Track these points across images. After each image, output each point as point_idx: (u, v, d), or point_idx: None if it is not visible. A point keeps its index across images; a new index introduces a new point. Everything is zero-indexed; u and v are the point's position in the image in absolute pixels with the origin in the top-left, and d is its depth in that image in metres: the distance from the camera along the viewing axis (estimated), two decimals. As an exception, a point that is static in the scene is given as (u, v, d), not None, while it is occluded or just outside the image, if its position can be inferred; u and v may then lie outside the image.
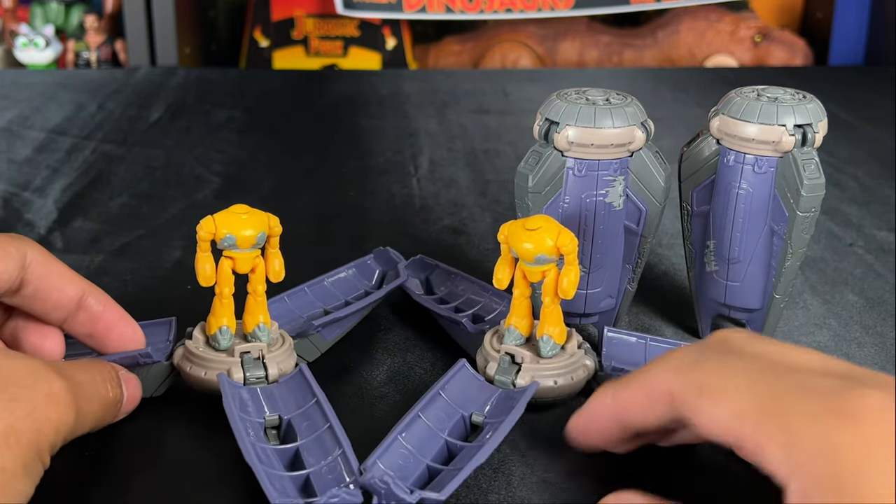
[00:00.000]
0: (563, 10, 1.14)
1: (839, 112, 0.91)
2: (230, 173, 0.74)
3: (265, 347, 0.42)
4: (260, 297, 0.43)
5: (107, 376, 0.37)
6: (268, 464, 0.36)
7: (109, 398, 0.37)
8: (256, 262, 0.42)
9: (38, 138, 0.81)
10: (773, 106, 0.44)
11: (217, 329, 0.42)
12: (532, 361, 0.43)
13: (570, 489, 0.39)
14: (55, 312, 0.40)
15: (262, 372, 0.42)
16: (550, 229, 0.41)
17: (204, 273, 0.42)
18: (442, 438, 0.39)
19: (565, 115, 0.44)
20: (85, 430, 0.36)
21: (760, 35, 1.18)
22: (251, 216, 0.41)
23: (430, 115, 0.90)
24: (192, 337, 0.43)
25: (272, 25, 1.19)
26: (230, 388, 0.40)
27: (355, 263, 0.52)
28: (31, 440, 0.32)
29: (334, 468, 0.37)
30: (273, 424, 0.40)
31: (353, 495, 0.34)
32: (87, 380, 0.36)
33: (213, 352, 0.42)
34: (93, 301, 0.41)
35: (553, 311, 0.43)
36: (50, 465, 0.33)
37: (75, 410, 0.34)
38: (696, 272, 0.50)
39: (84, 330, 0.41)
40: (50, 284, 0.40)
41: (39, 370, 0.33)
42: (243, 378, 0.41)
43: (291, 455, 0.38)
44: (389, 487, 0.34)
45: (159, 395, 0.43)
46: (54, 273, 0.40)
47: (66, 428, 0.33)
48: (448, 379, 0.42)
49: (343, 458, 0.37)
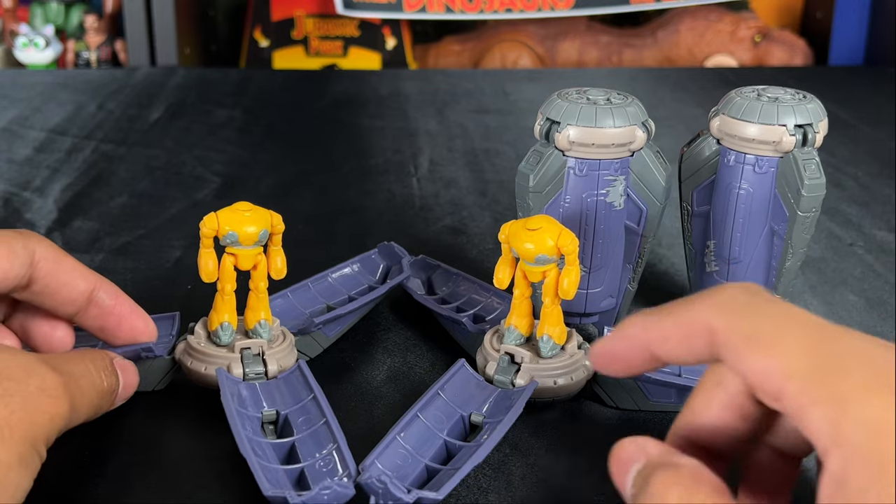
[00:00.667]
0: (563, 10, 1.14)
1: (839, 112, 0.91)
2: (230, 173, 0.74)
3: (265, 344, 0.43)
4: (262, 293, 0.43)
5: (101, 365, 0.37)
6: (262, 457, 0.37)
7: (104, 387, 0.37)
8: (258, 258, 0.42)
9: (38, 138, 0.81)
10: (773, 106, 0.45)
11: (218, 325, 0.43)
12: (532, 361, 0.43)
13: (570, 489, 0.39)
14: (65, 307, 0.41)
15: (262, 368, 0.42)
16: (551, 229, 0.41)
17: (206, 269, 0.42)
18: (441, 438, 0.39)
19: (566, 114, 0.44)
20: (81, 420, 0.36)
21: (760, 35, 1.18)
22: (254, 213, 0.42)
23: (430, 115, 0.90)
24: (193, 332, 0.43)
25: (272, 25, 1.19)
26: (228, 384, 0.40)
27: (359, 258, 0.52)
28: (25, 433, 0.32)
29: (329, 462, 0.37)
30: (271, 419, 0.40)
31: (346, 488, 0.34)
32: (81, 370, 0.36)
33: (214, 347, 0.43)
34: (104, 295, 0.41)
35: (553, 311, 0.43)
36: (51, 465, 0.33)
37: (69, 402, 0.34)
38: (697, 272, 0.50)
39: (95, 324, 0.41)
40: (59, 280, 0.40)
41: (31, 364, 0.34)
42: (243, 374, 0.42)
43: (287, 449, 0.39)
44: (387, 487, 0.34)
45: (161, 393, 0.44)
46: (64, 269, 0.40)
47: (60, 420, 0.34)
48: (447, 379, 0.42)
49: (338, 452, 0.37)
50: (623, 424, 0.43)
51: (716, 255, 0.48)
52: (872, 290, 0.56)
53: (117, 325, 0.41)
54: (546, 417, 0.43)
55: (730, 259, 0.47)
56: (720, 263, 0.48)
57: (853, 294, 0.56)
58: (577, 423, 0.43)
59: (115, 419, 0.42)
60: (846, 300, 0.55)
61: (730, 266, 0.48)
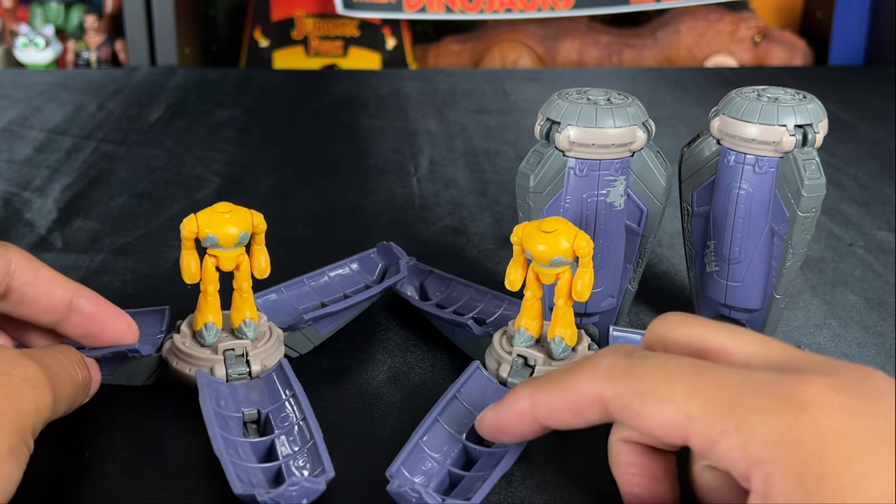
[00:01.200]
0: (563, 10, 1.14)
1: (839, 112, 0.91)
2: (230, 173, 0.74)
3: (249, 345, 0.43)
4: (245, 293, 0.43)
5: (73, 359, 0.38)
6: (237, 456, 0.37)
7: (79, 380, 0.38)
8: (241, 259, 0.43)
9: (38, 138, 0.81)
10: (773, 106, 0.44)
11: (203, 325, 0.43)
12: (545, 363, 0.42)
13: (570, 489, 0.39)
14: (45, 316, 0.41)
15: (245, 369, 0.42)
16: (567, 232, 0.41)
17: (189, 270, 0.42)
18: (461, 443, 0.39)
19: (567, 114, 0.44)
20: (61, 413, 0.36)
21: (760, 35, 1.18)
22: (234, 214, 0.42)
23: (430, 115, 0.90)
24: (179, 331, 0.44)
25: (272, 25, 1.19)
26: (207, 387, 0.41)
27: (358, 257, 0.52)
28: (13, 424, 0.32)
29: (304, 459, 0.37)
30: (252, 419, 0.41)
31: (315, 484, 0.34)
32: (57, 363, 0.37)
33: (198, 348, 0.43)
34: (84, 302, 0.41)
35: (565, 312, 0.42)
36: (50, 465, 0.33)
37: (52, 392, 0.35)
38: (697, 272, 0.50)
39: (78, 331, 0.41)
40: (37, 290, 0.40)
41: (14, 356, 0.34)
42: (226, 375, 0.42)
43: (266, 448, 0.39)
44: (421, 496, 0.33)
45: (159, 393, 0.44)
46: (41, 278, 0.40)
47: (45, 409, 0.34)
48: (463, 382, 0.42)
49: (312, 449, 0.38)
50: (623, 424, 0.43)
51: (716, 255, 0.48)
52: (872, 290, 0.56)
53: (100, 331, 0.41)
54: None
55: (730, 259, 0.47)
56: (720, 263, 0.48)
57: (853, 294, 0.56)
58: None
59: (116, 419, 0.42)
60: (846, 300, 0.55)
61: (730, 266, 0.48)
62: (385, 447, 0.39)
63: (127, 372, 0.43)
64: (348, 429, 0.42)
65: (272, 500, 0.34)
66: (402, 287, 0.51)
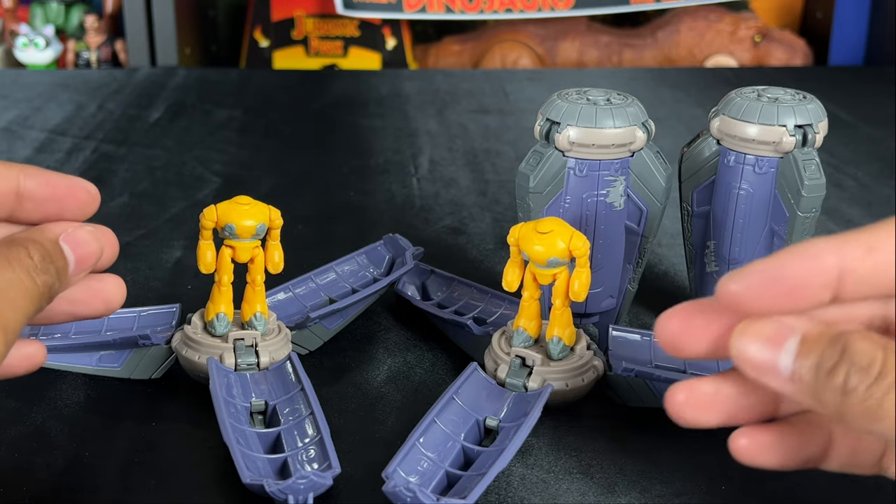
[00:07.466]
0: (563, 10, 1.14)
1: (839, 112, 0.91)
2: (230, 173, 0.74)
3: (259, 336, 0.43)
4: (258, 287, 0.43)
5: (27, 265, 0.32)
6: (245, 445, 0.37)
7: (38, 287, 0.32)
8: (256, 252, 0.43)
9: (38, 138, 0.81)
10: (773, 106, 0.45)
11: (214, 315, 0.43)
12: (543, 364, 0.42)
13: (570, 489, 0.39)
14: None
15: (254, 359, 0.43)
16: (563, 232, 0.41)
17: (204, 260, 0.42)
18: (458, 443, 0.39)
19: (566, 115, 0.44)
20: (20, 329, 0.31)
21: (760, 35, 1.18)
22: (252, 207, 0.42)
23: (430, 115, 0.90)
24: (191, 322, 0.44)
25: (272, 25, 1.19)
26: (218, 373, 0.41)
27: (365, 250, 0.53)
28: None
29: (311, 453, 0.38)
30: (259, 409, 0.41)
31: (323, 478, 0.35)
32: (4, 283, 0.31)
33: (209, 337, 0.43)
34: (32, 184, 0.35)
35: (563, 313, 0.42)
36: (50, 465, 0.33)
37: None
38: (697, 272, 0.50)
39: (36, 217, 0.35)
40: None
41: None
42: (235, 364, 0.42)
43: (273, 439, 0.39)
44: (416, 496, 0.34)
45: (160, 392, 0.44)
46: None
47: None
48: (461, 383, 0.42)
49: (319, 444, 0.38)
50: (622, 424, 0.43)
51: (716, 255, 0.48)
52: (872, 291, 0.56)
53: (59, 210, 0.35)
54: (545, 417, 0.43)
55: (730, 259, 0.47)
56: (720, 263, 0.48)
57: (853, 294, 0.55)
58: (577, 423, 0.43)
59: (115, 419, 0.42)
60: (846, 300, 0.55)
61: (730, 266, 0.48)
62: (385, 447, 0.39)
63: (133, 364, 0.44)
64: (348, 428, 0.42)
65: (280, 491, 0.34)
66: (404, 287, 0.51)
